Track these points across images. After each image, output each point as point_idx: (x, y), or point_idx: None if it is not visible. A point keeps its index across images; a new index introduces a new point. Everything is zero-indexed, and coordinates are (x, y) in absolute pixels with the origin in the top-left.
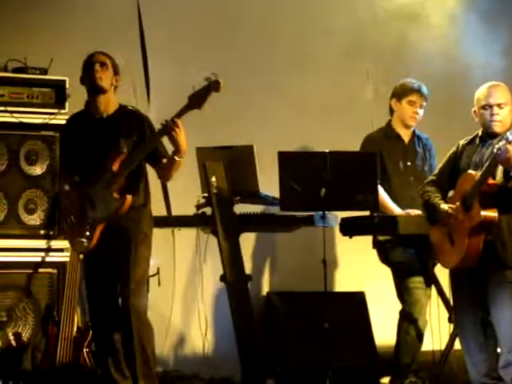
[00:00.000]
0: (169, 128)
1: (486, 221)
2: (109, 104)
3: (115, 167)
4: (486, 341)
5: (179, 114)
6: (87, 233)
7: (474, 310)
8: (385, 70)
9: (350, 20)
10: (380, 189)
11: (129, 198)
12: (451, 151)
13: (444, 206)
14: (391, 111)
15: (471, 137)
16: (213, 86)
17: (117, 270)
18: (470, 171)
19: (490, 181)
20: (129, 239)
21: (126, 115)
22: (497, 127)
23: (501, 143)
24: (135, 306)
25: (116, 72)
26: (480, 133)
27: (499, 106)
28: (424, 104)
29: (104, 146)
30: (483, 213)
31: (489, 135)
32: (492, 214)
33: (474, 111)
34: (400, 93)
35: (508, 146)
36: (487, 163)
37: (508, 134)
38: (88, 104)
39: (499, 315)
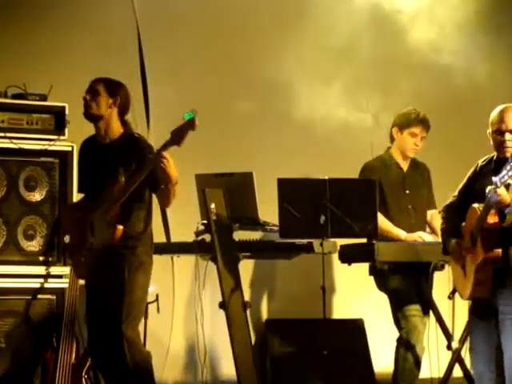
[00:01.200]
0: (155, 161)
1: (489, 259)
2: (110, 130)
3: (114, 196)
4: (497, 370)
5: (162, 149)
6: (83, 258)
7: (489, 338)
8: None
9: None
10: (380, 216)
11: (119, 228)
12: (470, 172)
13: (453, 242)
14: (391, 139)
15: (489, 157)
16: (189, 126)
17: (110, 298)
18: (475, 205)
19: (491, 218)
20: (123, 267)
21: (128, 143)
22: (508, 153)
23: (489, 187)
24: (127, 335)
25: (112, 94)
26: (495, 156)
27: (511, 132)
28: (425, 135)
29: (106, 172)
30: (485, 252)
31: (502, 160)
32: (493, 253)
33: (489, 133)
34: (403, 123)
35: (497, 189)
36: (485, 202)
37: (497, 178)
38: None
39: (506, 346)
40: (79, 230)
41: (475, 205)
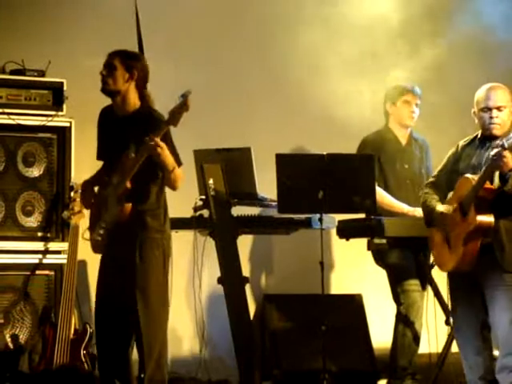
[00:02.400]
0: (149, 146)
1: (481, 226)
2: (126, 104)
3: (123, 172)
4: (483, 344)
5: (157, 133)
6: (101, 231)
7: (471, 313)
8: (382, 71)
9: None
10: (380, 190)
11: (127, 206)
12: (450, 152)
13: (439, 208)
14: (386, 116)
15: (471, 137)
16: (183, 108)
17: (124, 277)
18: (468, 175)
19: (487, 185)
20: (134, 244)
21: (141, 118)
22: (496, 130)
23: (496, 149)
24: (146, 316)
25: (129, 68)
26: (479, 134)
27: (498, 108)
28: (418, 102)
29: (119, 146)
30: (479, 218)
31: (488, 137)
32: (488, 219)
33: (474, 112)
34: (393, 95)
35: (503, 152)
36: (483, 168)
37: (504, 140)
38: None
39: (497, 318)
40: (97, 205)
41: (468, 175)
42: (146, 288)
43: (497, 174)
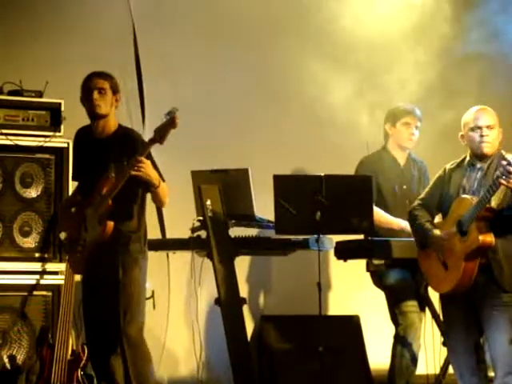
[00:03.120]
0: (131, 167)
1: (484, 245)
2: (108, 126)
3: (104, 190)
4: (478, 364)
5: (144, 149)
6: (78, 254)
7: (466, 333)
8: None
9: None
10: (377, 209)
11: (109, 224)
12: (437, 175)
13: (437, 232)
14: (386, 137)
15: (458, 160)
16: (170, 124)
17: (107, 296)
18: (465, 196)
19: (487, 205)
20: (117, 264)
21: (121, 138)
22: (487, 148)
23: (500, 169)
24: (128, 334)
25: (115, 91)
26: (468, 156)
27: (488, 127)
28: (419, 125)
29: (99, 167)
30: (481, 238)
31: (478, 157)
32: (489, 238)
33: (462, 135)
34: (394, 116)
35: (510, 168)
36: (486, 189)
37: (507, 157)
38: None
39: (495, 338)
40: (75, 225)
41: (466, 196)
42: (128, 305)
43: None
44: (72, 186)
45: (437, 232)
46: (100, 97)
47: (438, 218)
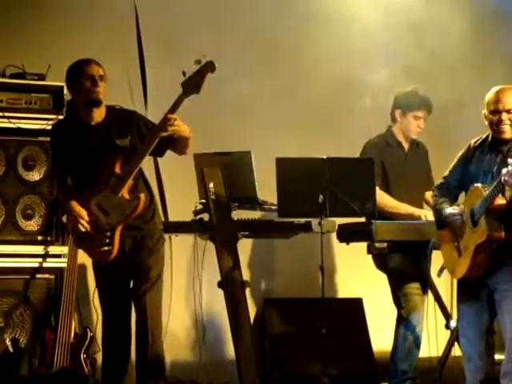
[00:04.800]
0: (163, 127)
1: (491, 238)
2: (102, 111)
3: (117, 169)
4: (486, 350)
5: (176, 105)
6: (107, 240)
7: (477, 320)
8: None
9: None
10: (383, 193)
11: (142, 196)
12: (462, 153)
13: (448, 210)
14: (393, 119)
15: (483, 137)
16: (208, 68)
17: (133, 272)
18: (478, 185)
19: (499, 198)
20: (144, 240)
21: (115, 116)
22: (505, 134)
23: (507, 169)
24: (151, 307)
25: (104, 75)
26: (490, 136)
27: (508, 111)
28: (427, 117)
29: (99, 152)
30: (490, 231)
31: (498, 141)
32: (497, 233)
33: (484, 114)
34: (407, 106)
35: None
36: (495, 183)
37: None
38: (76, 110)
39: (506, 323)
40: (90, 219)
41: (478, 185)
42: (153, 280)
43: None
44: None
45: (447, 211)
46: (101, 84)
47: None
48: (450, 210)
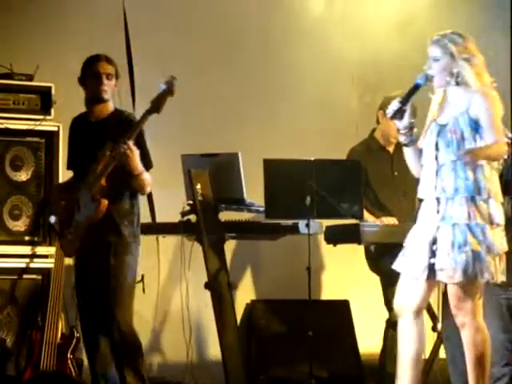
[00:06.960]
0: (120, 150)
1: None
2: (105, 109)
3: (98, 170)
4: None
5: (141, 121)
6: (70, 236)
7: None
8: (370, 77)
9: (335, 28)
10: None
11: (103, 201)
12: None
13: None
14: (377, 121)
15: None
16: (169, 91)
17: (98, 279)
18: None
19: None
20: (109, 247)
21: (118, 119)
22: None
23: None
24: (116, 320)
25: (117, 77)
26: None
27: None
28: None
29: (95, 149)
30: None
31: None
32: None
33: None
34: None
35: None
36: None
37: None
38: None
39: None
40: (67, 208)
41: None
42: (117, 287)
43: None
44: (62, 169)
45: None
46: (108, 82)
47: None
48: None
